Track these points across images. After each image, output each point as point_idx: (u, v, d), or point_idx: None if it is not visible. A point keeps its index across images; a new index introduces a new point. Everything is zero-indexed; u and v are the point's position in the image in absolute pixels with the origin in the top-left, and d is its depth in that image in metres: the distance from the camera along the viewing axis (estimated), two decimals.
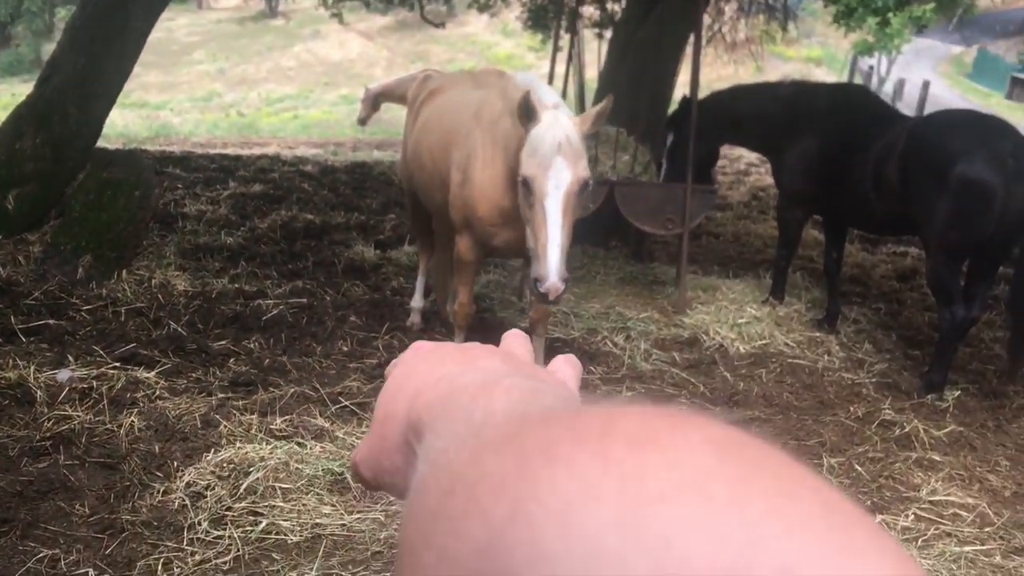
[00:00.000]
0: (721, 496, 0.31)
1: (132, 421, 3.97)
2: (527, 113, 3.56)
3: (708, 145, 6.66)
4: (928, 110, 15.57)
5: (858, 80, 23.82)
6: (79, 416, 3.97)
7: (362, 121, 11.05)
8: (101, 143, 6.76)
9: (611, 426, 0.35)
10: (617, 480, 0.32)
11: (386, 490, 0.59)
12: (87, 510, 3.33)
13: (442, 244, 5.45)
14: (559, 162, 3.55)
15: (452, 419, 0.48)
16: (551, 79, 7.43)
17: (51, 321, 5.01)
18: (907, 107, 18.54)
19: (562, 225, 3.58)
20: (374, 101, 10.65)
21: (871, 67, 27.78)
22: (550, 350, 5.43)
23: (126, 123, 21.58)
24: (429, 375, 0.56)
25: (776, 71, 25.71)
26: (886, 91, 24.22)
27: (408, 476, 0.54)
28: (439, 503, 0.39)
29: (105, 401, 4.14)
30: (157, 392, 4.32)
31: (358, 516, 3.46)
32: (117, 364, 4.54)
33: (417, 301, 5.70)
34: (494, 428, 0.42)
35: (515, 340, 0.69)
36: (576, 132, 3.63)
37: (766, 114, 6.34)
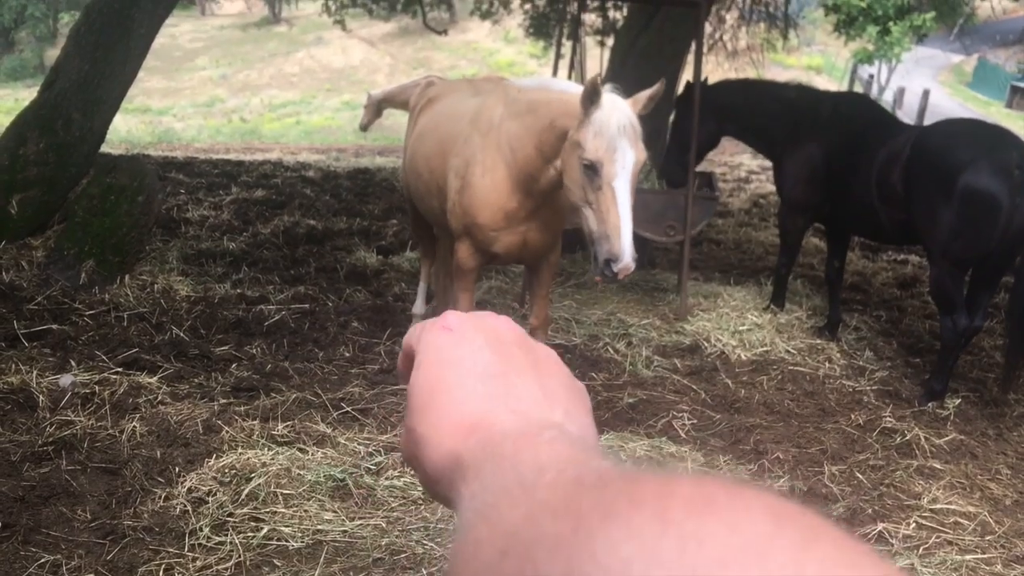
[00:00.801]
0: (780, 561, 0.31)
1: (134, 426, 3.97)
2: (592, 97, 3.54)
3: (708, 130, 6.66)
4: (928, 118, 15.59)
5: (858, 88, 23.85)
6: (81, 421, 3.98)
7: (364, 127, 11.06)
8: (104, 148, 6.78)
9: (668, 489, 0.36)
10: (677, 542, 0.32)
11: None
12: (89, 515, 3.34)
13: (444, 250, 5.44)
14: (624, 143, 3.58)
15: (498, 469, 0.48)
16: None
17: (54, 326, 5.02)
18: (907, 116, 18.55)
19: (630, 205, 3.63)
20: (377, 107, 10.65)
21: (871, 75, 27.82)
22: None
23: (129, 128, 21.64)
24: (463, 405, 0.57)
25: (777, 79, 25.74)
26: (886, 99, 24.26)
27: (442, 484, 0.55)
28: (494, 562, 0.39)
29: (107, 406, 4.15)
30: (159, 397, 4.33)
31: (360, 523, 3.46)
32: (119, 369, 4.55)
33: (419, 307, 5.68)
34: (547, 488, 0.43)
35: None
36: (634, 114, 3.67)
37: (769, 114, 6.34)
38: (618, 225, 3.59)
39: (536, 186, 4.05)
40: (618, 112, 3.59)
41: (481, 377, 0.58)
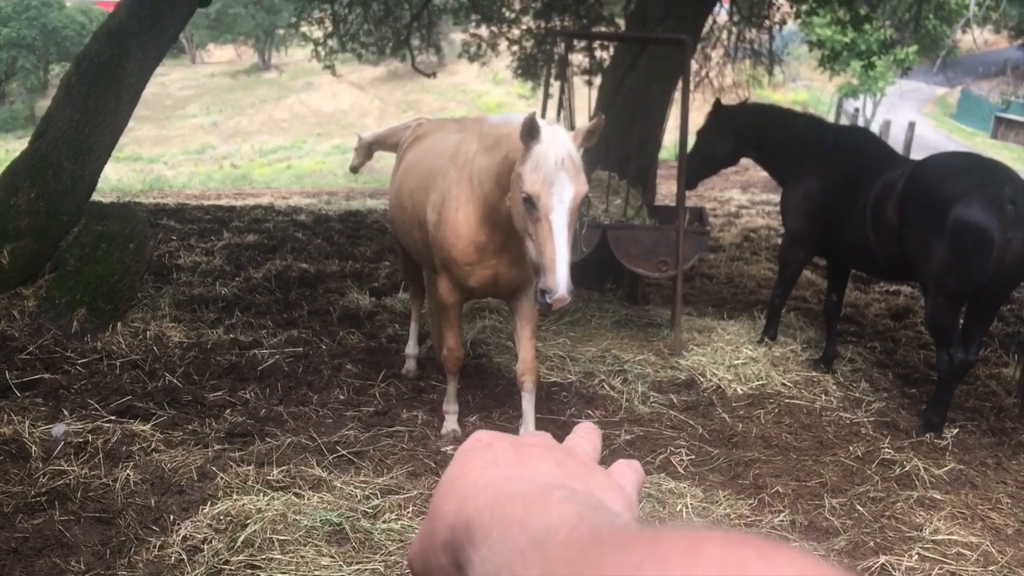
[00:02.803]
0: None
1: (128, 475, 3.93)
2: (530, 131, 3.60)
3: (724, 149, 6.83)
4: (914, 151, 15.74)
5: (844, 122, 24.09)
6: (74, 471, 3.94)
7: (355, 169, 11.08)
8: (95, 197, 6.79)
9: (697, 553, 0.35)
10: None
11: None
12: (83, 566, 3.29)
13: (431, 286, 5.45)
14: (562, 177, 3.61)
15: (508, 531, 0.48)
16: None
17: (46, 375, 4.99)
18: (893, 148, 18.72)
19: (568, 238, 3.65)
20: (367, 150, 10.70)
21: (856, 109, 28.09)
22: (548, 395, 5.42)
23: (120, 177, 21.70)
24: (478, 478, 0.57)
25: None
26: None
27: (453, 552, 0.54)
28: None
29: (100, 455, 4.11)
30: (153, 445, 4.29)
31: (357, 568, 3.42)
32: (112, 418, 4.51)
33: (412, 348, 5.69)
34: (561, 545, 0.42)
35: (583, 435, 0.70)
36: (575, 148, 3.71)
37: (780, 142, 6.41)
38: (553, 258, 3.63)
39: (499, 218, 4.11)
40: (557, 145, 3.62)
41: (501, 463, 0.59)
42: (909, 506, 4.27)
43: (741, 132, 6.70)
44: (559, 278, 3.63)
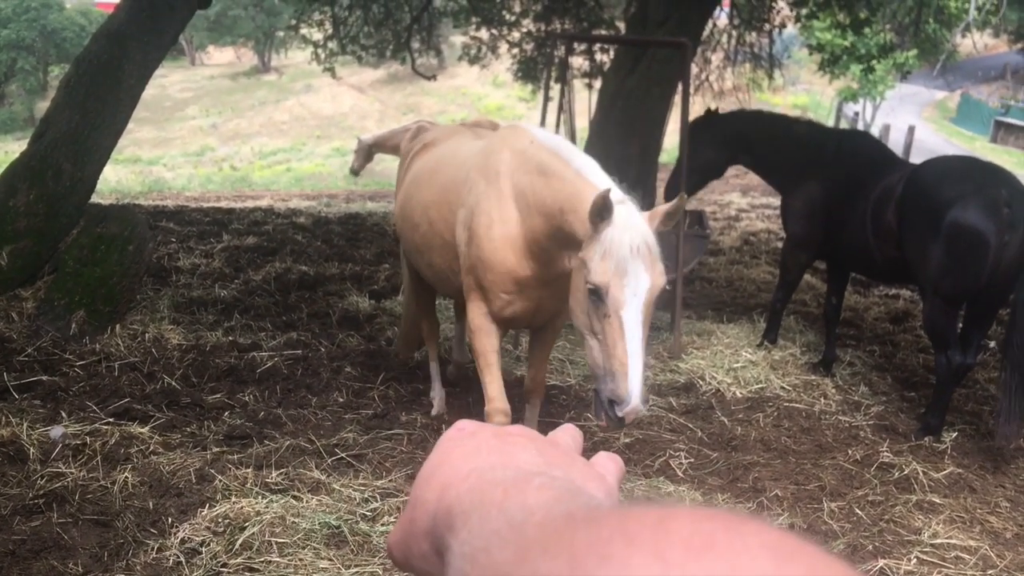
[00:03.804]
0: None
1: (126, 477, 3.93)
2: (601, 213, 3.05)
3: (718, 157, 6.78)
4: (914, 154, 15.74)
5: (844, 126, 24.14)
6: (72, 473, 3.93)
7: (355, 171, 11.09)
8: (94, 199, 6.79)
9: (664, 528, 0.35)
10: None
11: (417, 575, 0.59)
12: (80, 569, 3.28)
13: (417, 288, 5.15)
14: (637, 267, 3.06)
15: (486, 515, 0.48)
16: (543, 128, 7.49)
17: (44, 377, 4.98)
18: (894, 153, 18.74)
19: (642, 338, 3.09)
20: (367, 152, 10.69)
21: (856, 113, 28.13)
22: (548, 398, 5.41)
23: (119, 179, 21.71)
24: (461, 465, 0.57)
25: None
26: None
27: (435, 564, 0.55)
28: None
29: (98, 457, 4.11)
30: (151, 447, 4.29)
31: (356, 570, 3.41)
32: (111, 420, 4.51)
33: (437, 390, 5.16)
34: (537, 526, 0.42)
35: (565, 430, 0.70)
36: (649, 230, 3.14)
37: (779, 149, 6.41)
38: (625, 362, 3.08)
39: (547, 255, 3.70)
40: (632, 230, 3.07)
41: (484, 451, 0.59)
42: (908, 510, 4.27)
43: (734, 141, 6.67)
44: (632, 386, 3.08)
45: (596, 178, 3.43)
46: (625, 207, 3.17)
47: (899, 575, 3.68)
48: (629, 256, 3.05)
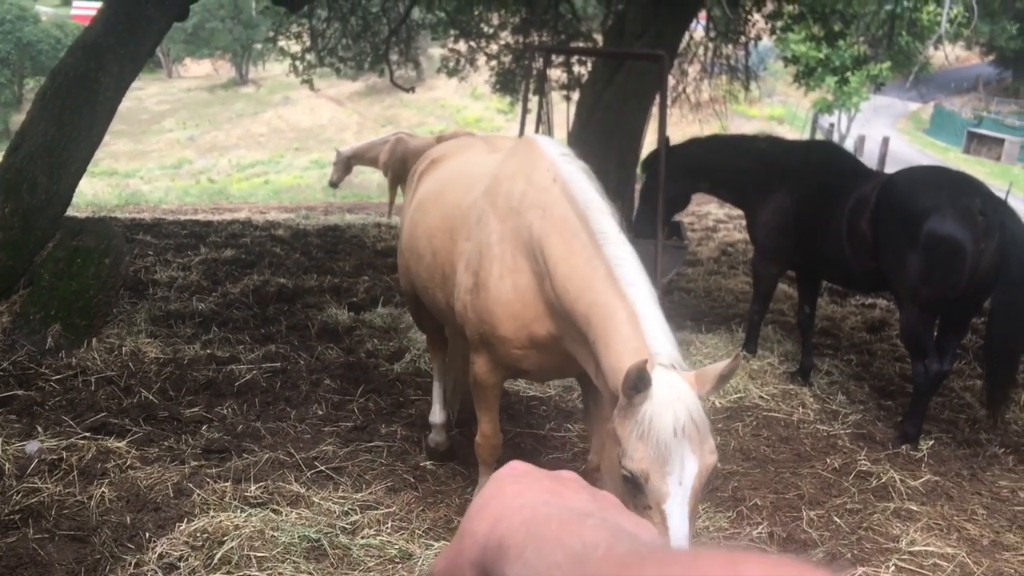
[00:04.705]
0: None
1: (103, 492, 3.89)
2: (637, 385, 2.43)
3: (681, 188, 6.80)
4: (888, 165, 15.91)
5: (819, 137, 24.36)
6: (48, 488, 3.89)
7: (334, 184, 11.08)
8: (70, 212, 6.73)
9: (736, 571, 0.36)
10: None
11: None
12: None
13: (454, 348, 4.68)
14: (683, 450, 2.42)
15: (543, 548, 0.48)
16: None
17: (19, 392, 4.93)
18: (867, 163, 18.93)
19: (688, 534, 2.41)
20: (346, 164, 10.69)
21: (831, 124, 28.40)
22: (527, 409, 5.42)
23: (96, 192, 21.53)
24: (513, 500, 0.58)
25: (740, 130, 26.19)
26: (847, 148, 24.74)
27: (484, 569, 0.55)
28: None
29: (75, 472, 4.06)
30: (128, 462, 4.25)
31: None
32: (87, 434, 4.46)
33: (437, 415, 4.62)
34: (600, 561, 0.42)
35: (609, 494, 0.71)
36: (698, 401, 2.51)
37: (740, 168, 6.47)
38: None
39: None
40: (676, 406, 2.44)
41: (536, 489, 0.59)
42: (886, 517, 4.30)
43: (692, 169, 6.71)
44: None
45: (624, 267, 2.86)
46: (668, 377, 2.50)
47: None
48: (673, 440, 2.41)
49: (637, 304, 2.75)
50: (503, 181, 3.39)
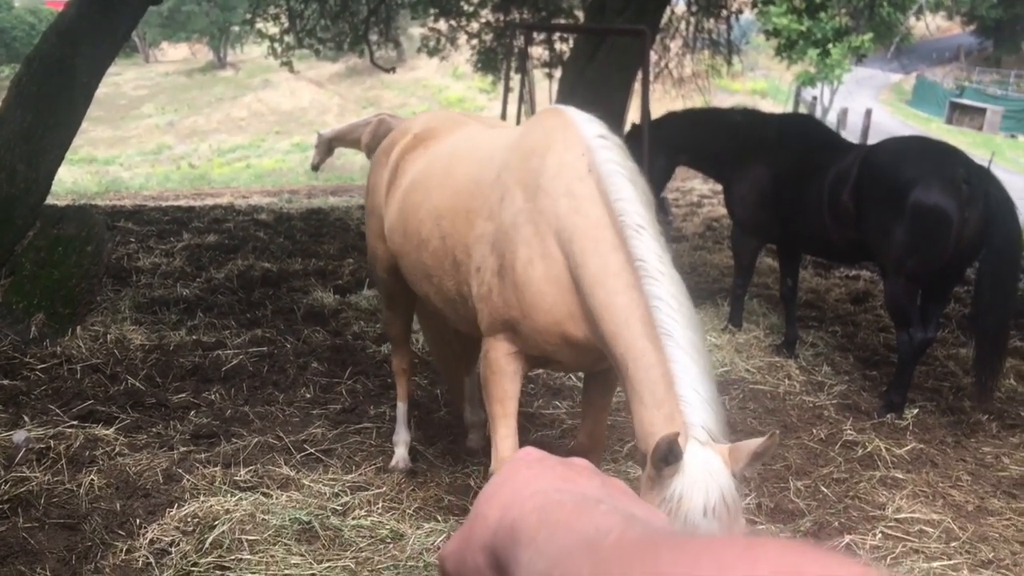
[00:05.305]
0: None
1: (92, 479, 3.88)
2: (667, 459, 2.26)
3: (661, 164, 6.80)
4: (872, 137, 15.96)
5: (803, 110, 24.38)
6: (37, 477, 3.88)
7: (316, 167, 11.02)
8: (50, 200, 6.68)
9: (753, 554, 0.36)
10: None
11: None
12: (49, 573, 3.24)
13: (434, 329, 4.50)
14: (711, 532, 2.21)
15: (555, 533, 0.49)
16: (504, 119, 7.49)
17: (5, 381, 4.90)
18: (851, 135, 18.97)
19: None
20: (327, 146, 10.61)
21: (814, 97, 28.45)
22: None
23: (75, 180, 21.35)
24: (525, 486, 0.58)
25: (723, 104, 26.19)
26: (830, 120, 24.81)
27: (495, 553, 0.56)
28: None
29: (63, 460, 4.05)
30: (117, 449, 4.24)
31: (328, 565, 3.41)
32: (74, 422, 4.45)
33: (402, 434, 4.38)
34: (613, 547, 0.43)
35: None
36: (731, 480, 2.32)
37: (716, 139, 6.48)
38: None
39: None
40: (708, 484, 2.27)
41: (549, 475, 0.60)
42: (872, 486, 4.35)
43: (670, 145, 6.73)
44: None
45: (661, 311, 2.60)
46: (701, 454, 2.32)
47: (865, 550, 3.75)
48: (702, 521, 2.22)
49: (674, 363, 2.51)
50: (530, 156, 3.01)
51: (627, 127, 9.27)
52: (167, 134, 36.27)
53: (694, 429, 2.39)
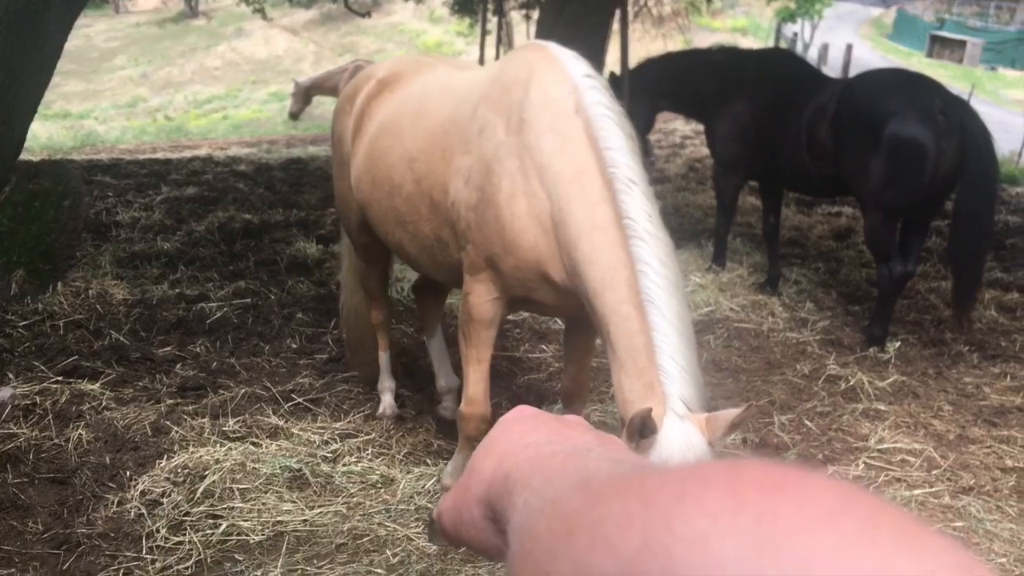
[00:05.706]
0: (851, 530, 0.33)
1: (80, 434, 3.89)
2: (642, 431, 2.30)
3: (642, 112, 6.77)
4: (853, 72, 15.87)
5: (784, 47, 24.19)
6: (24, 433, 3.88)
7: (294, 115, 10.89)
8: (25, 156, 6.58)
9: (737, 472, 0.38)
10: (752, 516, 0.34)
11: (465, 545, 0.63)
12: (40, 527, 3.27)
13: (367, 268, 4.22)
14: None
15: (548, 478, 0.51)
16: (482, 63, 7.40)
17: None
18: (832, 70, 18.87)
19: None
20: (305, 94, 10.47)
21: (795, 34, 28.20)
22: (501, 333, 5.43)
23: (50, 135, 20.99)
24: (520, 439, 0.60)
25: (704, 43, 25.92)
26: (811, 56, 24.63)
27: (484, 531, 0.59)
28: (558, 544, 0.41)
29: (50, 416, 4.06)
30: (103, 403, 4.24)
31: (319, 511, 3.44)
32: (59, 378, 4.44)
33: (387, 382, 4.35)
34: (603, 482, 0.44)
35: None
36: (708, 450, 2.37)
37: (697, 81, 6.45)
38: None
39: None
40: (687, 455, 2.32)
41: (544, 430, 0.62)
42: (855, 418, 4.42)
43: (650, 90, 6.71)
44: None
45: (647, 275, 2.57)
46: (678, 427, 2.36)
47: (848, 481, 3.82)
48: None
49: (656, 331, 2.50)
50: (512, 88, 2.87)
51: (603, 71, 9.20)
52: (141, 86, 35.64)
53: (672, 400, 2.40)
